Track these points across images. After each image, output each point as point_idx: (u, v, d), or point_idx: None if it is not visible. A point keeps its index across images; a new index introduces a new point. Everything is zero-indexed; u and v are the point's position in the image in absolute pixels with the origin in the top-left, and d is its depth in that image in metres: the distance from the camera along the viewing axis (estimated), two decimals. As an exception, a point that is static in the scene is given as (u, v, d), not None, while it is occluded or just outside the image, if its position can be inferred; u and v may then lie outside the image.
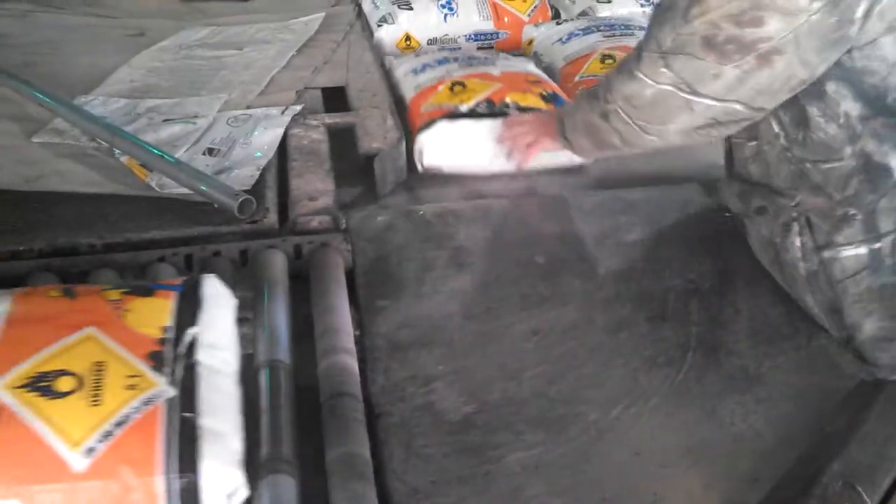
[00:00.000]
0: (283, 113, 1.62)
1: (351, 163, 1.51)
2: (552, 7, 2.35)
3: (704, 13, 1.01)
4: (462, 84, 1.66)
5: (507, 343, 1.14)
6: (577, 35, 1.99)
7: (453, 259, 1.26)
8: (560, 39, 2.01)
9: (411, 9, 2.21)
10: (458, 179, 1.55)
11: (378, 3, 2.27)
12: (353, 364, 1.04)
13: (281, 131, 1.54)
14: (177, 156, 1.46)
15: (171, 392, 0.83)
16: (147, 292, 0.94)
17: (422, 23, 2.18)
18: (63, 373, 0.82)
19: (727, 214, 1.34)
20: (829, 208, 1.12)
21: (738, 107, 1.07)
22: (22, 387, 0.81)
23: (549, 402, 1.06)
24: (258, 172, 1.42)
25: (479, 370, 1.10)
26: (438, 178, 1.57)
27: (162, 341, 0.88)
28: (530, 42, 2.09)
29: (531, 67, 1.87)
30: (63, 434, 0.78)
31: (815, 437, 1.00)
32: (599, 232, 1.33)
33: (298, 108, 1.64)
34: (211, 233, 1.27)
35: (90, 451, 0.78)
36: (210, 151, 1.51)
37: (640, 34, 1.94)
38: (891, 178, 1.07)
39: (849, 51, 1.02)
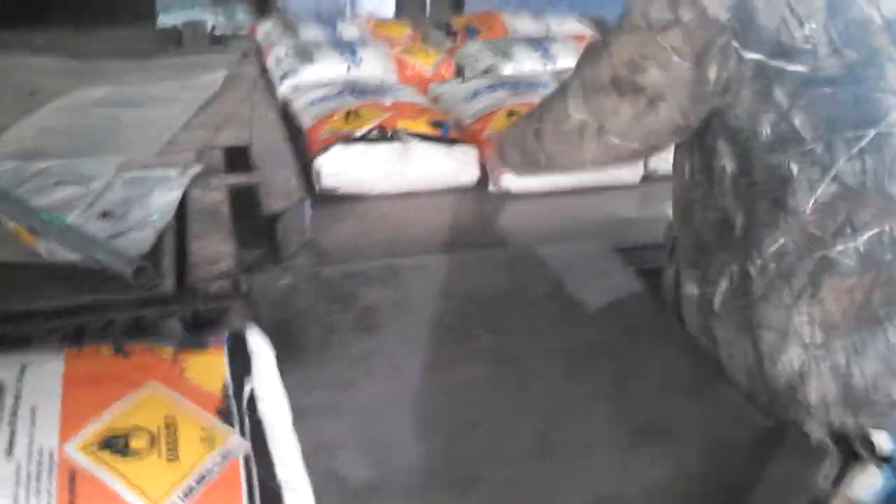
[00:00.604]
0: (182, 173, 1.58)
1: (253, 223, 1.48)
2: (456, 64, 2.39)
3: (609, 56, 1.18)
4: (356, 113, 1.84)
5: (416, 405, 1.12)
6: (483, 93, 2.03)
7: (360, 321, 1.24)
8: (465, 98, 2.04)
9: (314, 62, 2.22)
10: (365, 238, 1.55)
11: (281, 59, 2.27)
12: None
13: (179, 192, 1.50)
14: (69, 219, 1.40)
15: (245, 445, 0.82)
16: (200, 346, 0.93)
17: (325, 77, 2.19)
18: (136, 429, 0.79)
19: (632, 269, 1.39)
20: (693, 248, 1.24)
21: (635, 145, 1.22)
22: (96, 447, 0.77)
23: (458, 464, 1.03)
24: (155, 236, 1.38)
25: (386, 435, 1.07)
26: (343, 238, 1.56)
27: (225, 395, 0.86)
28: (436, 99, 2.11)
29: (421, 98, 2.06)
30: (144, 494, 0.75)
31: (722, 487, 1.01)
32: (508, 289, 1.33)
33: (198, 167, 1.60)
34: (104, 301, 1.21)
35: None
36: (105, 214, 1.45)
37: (545, 91, 2.03)
38: (733, 233, 1.15)
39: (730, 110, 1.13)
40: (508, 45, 2.44)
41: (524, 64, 2.36)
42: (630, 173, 1.82)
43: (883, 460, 0.96)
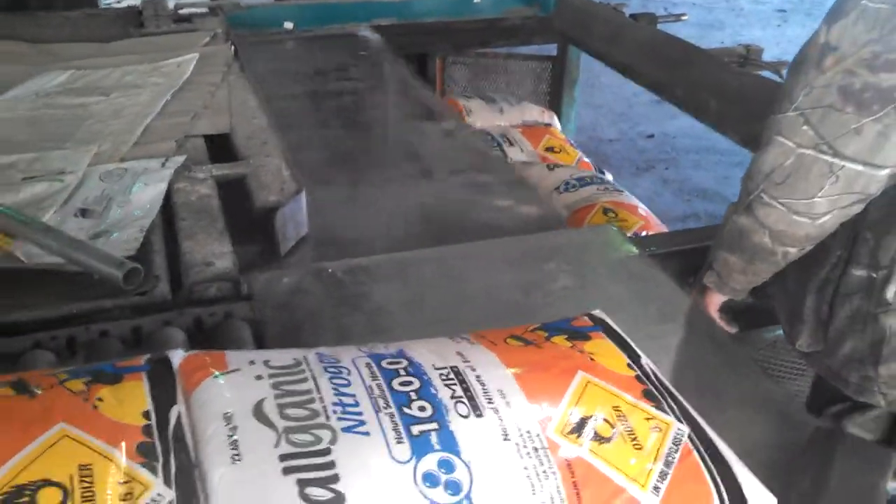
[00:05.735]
0: (163, 165, 1.47)
1: (245, 218, 1.37)
2: None
3: (839, 61, 0.97)
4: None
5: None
6: (574, 186, 2.11)
7: (372, 323, 1.15)
8: (557, 188, 2.12)
9: None
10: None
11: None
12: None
13: (164, 186, 1.39)
14: (44, 219, 1.28)
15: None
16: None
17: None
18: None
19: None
20: (856, 231, 1.14)
21: (884, 172, 1.01)
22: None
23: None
24: (142, 235, 1.26)
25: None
26: (339, 232, 1.47)
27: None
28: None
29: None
30: (625, 474, 0.73)
31: (779, 495, 0.95)
32: (527, 282, 1.25)
33: (181, 159, 1.48)
34: (94, 309, 1.10)
35: None
36: (83, 212, 1.34)
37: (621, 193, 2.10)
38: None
39: None
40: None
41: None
42: None
43: None
